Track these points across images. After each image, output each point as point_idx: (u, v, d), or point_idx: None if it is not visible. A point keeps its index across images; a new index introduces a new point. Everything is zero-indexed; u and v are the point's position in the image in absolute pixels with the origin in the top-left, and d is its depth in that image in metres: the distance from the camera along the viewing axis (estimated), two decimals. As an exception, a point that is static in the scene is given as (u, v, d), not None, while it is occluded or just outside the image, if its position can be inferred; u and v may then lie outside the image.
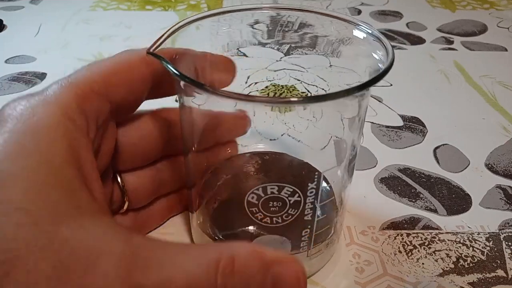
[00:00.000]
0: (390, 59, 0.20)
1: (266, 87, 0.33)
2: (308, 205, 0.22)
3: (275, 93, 0.30)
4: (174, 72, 0.19)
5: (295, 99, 0.17)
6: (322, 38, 0.26)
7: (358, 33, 0.23)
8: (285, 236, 0.23)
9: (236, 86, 0.25)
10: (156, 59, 0.20)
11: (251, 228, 0.24)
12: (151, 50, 0.20)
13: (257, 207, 0.24)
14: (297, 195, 0.23)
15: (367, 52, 0.22)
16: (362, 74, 0.23)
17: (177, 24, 0.22)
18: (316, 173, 0.21)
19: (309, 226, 0.23)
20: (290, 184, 0.24)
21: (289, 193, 0.23)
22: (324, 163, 0.24)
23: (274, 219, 0.23)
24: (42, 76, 0.46)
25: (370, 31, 0.22)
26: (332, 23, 0.24)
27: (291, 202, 0.23)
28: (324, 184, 0.23)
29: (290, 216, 0.23)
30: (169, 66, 0.19)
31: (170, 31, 0.22)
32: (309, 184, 0.22)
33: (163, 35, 0.21)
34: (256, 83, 0.34)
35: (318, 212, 0.23)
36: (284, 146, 0.29)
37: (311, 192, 0.22)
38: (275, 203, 0.23)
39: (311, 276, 0.26)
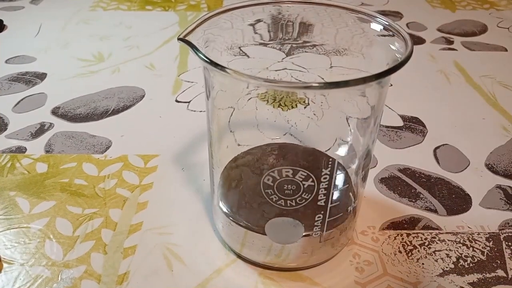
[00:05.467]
0: (409, 48, 0.20)
1: (266, 91, 0.33)
2: (322, 191, 0.23)
3: (275, 97, 0.31)
4: (203, 58, 0.20)
5: (315, 84, 0.18)
6: (328, 35, 0.26)
7: (375, 26, 0.23)
8: (298, 219, 0.24)
9: (237, 88, 0.25)
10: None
11: (266, 209, 0.25)
12: (181, 37, 0.22)
13: (272, 189, 0.24)
14: (311, 179, 0.24)
15: (384, 44, 0.22)
16: (366, 70, 0.24)
17: (206, 14, 0.23)
18: (331, 160, 0.22)
19: (322, 212, 0.23)
20: (304, 168, 0.24)
21: (303, 177, 0.24)
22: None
23: (288, 201, 0.24)
24: (42, 76, 0.46)
25: (386, 22, 0.23)
26: (342, 16, 0.25)
27: (305, 186, 0.24)
28: (339, 171, 0.23)
29: (304, 200, 0.24)
30: (197, 52, 0.20)
31: (200, 20, 0.23)
32: (323, 170, 0.22)
33: (194, 23, 0.22)
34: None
35: (332, 198, 0.23)
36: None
37: (324, 178, 0.22)
38: (289, 186, 0.24)
39: (325, 262, 0.26)
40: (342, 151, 0.26)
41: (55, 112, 0.40)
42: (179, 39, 0.21)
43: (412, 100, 0.43)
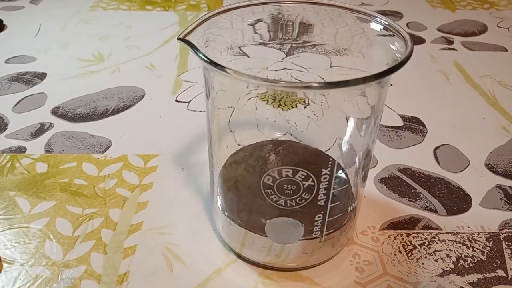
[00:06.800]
0: (409, 48, 0.20)
1: (266, 91, 0.33)
2: (322, 191, 0.23)
3: (275, 97, 0.31)
4: (203, 58, 0.20)
5: (315, 84, 0.18)
6: (328, 35, 0.26)
7: (375, 26, 0.23)
8: (298, 219, 0.24)
9: (237, 88, 0.25)
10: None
11: (265, 209, 0.25)
12: (181, 37, 0.21)
13: (272, 189, 0.24)
14: (310, 179, 0.24)
15: (384, 44, 0.22)
16: (366, 70, 0.24)
17: (206, 14, 0.23)
18: (331, 159, 0.22)
19: (322, 212, 0.23)
20: (304, 168, 0.24)
21: (303, 177, 0.24)
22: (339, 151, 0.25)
23: (288, 201, 0.24)
24: (42, 76, 0.46)
25: (386, 22, 0.23)
26: (342, 16, 0.25)
27: (305, 186, 0.24)
28: (339, 171, 0.23)
29: (303, 200, 0.24)
30: (197, 52, 0.20)
31: (200, 20, 0.23)
32: (323, 170, 0.22)
33: (194, 23, 0.22)
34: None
35: (332, 198, 0.23)
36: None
37: (324, 178, 0.22)
38: (289, 186, 0.24)
39: (325, 262, 0.26)
40: (342, 151, 0.26)
41: (55, 112, 0.40)
42: (179, 39, 0.21)
43: (412, 100, 0.43)
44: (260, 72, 0.33)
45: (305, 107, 0.30)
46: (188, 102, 0.42)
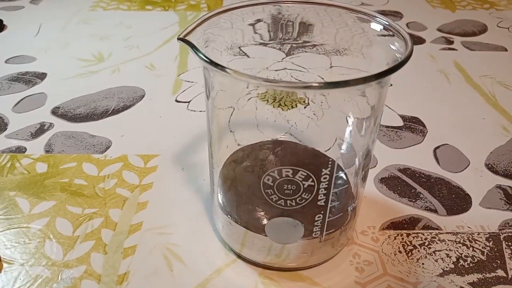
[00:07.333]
0: (409, 48, 0.20)
1: (266, 91, 0.33)
2: (322, 191, 0.23)
3: (275, 97, 0.31)
4: (203, 58, 0.20)
5: (315, 84, 0.18)
6: (328, 35, 0.26)
7: (375, 26, 0.23)
8: (298, 219, 0.24)
9: (237, 88, 0.25)
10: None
11: (265, 209, 0.25)
12: (181, 37, 0.22)
13: (272, 189, 0.24)
14: (311, 179, 0.24)
15: (384, 44, 0.23)
16: (366, 70, 0.24)
17: (206, 14, 0.23)
18: (331, 159, 0.22)
19: (322, 212, 0.23)
20: (304, 168, 0.24)
21: (303, 177, 0.24)
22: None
23: (288, 201, 0.24)
24: (42, 76, 0.46)
25: (386, 22, 0.23)
26: (342, 16, 0.25)
27: (305, 186, 0.24)
28: (339, 171, 0.23)
29: (303, 200, 0.24)
30: (197, 52, 0.20)
31: (200, 20, 0.23)
32: (323, 170, 0.22)
33: (194, 23, 0.22)
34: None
35: (332, 198, 0.23)
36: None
37: (324, 178, 0.22)
38: (289, 186, 0.24)
39: (325, 262, 0.26)
40: (342, 151, 0.26)
41: (55, 112, 0.40)
42: (179, 39, 0.21)
43: (412, 100, 0.43)
44: (260, 72, 0.33)
45: (305, 107, 0.30)
46: (188, 102, 0.42)
